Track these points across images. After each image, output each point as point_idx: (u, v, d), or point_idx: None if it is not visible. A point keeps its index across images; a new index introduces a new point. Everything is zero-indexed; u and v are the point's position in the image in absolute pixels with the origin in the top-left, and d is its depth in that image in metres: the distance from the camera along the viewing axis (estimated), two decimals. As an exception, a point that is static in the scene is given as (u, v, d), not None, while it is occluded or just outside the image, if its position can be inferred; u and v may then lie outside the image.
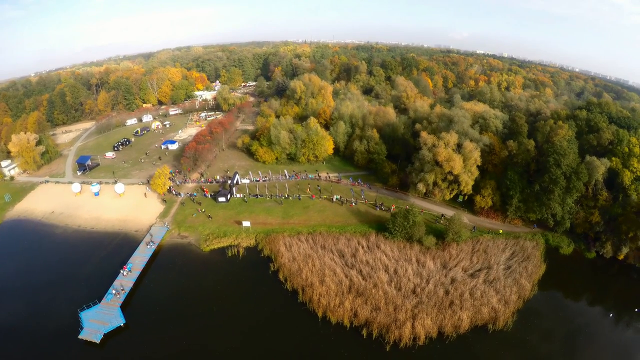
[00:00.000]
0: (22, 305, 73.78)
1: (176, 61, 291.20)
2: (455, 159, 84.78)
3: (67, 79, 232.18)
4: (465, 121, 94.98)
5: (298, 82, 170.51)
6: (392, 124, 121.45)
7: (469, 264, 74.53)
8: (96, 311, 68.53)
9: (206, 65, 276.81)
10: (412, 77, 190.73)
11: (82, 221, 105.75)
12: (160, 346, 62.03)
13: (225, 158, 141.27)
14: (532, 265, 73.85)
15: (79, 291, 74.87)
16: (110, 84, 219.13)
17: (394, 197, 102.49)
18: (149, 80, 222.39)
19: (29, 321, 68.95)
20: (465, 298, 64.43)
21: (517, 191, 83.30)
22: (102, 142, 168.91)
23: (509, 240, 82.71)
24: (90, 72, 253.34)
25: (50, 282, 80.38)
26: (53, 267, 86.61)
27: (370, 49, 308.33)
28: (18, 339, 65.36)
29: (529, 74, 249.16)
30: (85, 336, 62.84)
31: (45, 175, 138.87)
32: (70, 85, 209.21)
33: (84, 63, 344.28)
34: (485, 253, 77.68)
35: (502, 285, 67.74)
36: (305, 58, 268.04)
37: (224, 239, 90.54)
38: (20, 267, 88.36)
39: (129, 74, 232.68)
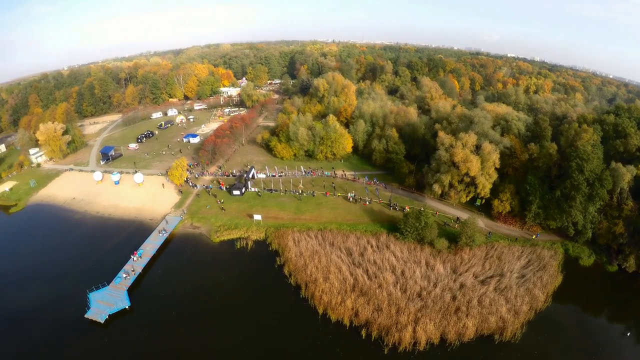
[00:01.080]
0: (36, 283, 77.40)
1: (204, 58, 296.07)
2: (472, 160, 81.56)
3: (97, 72, 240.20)
4: (486, 122, 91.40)
5: (321, 80, 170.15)
6: (412, 124, 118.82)
7: (481, 270, 71.12)
8: (104, 293, 71.02)
9: (233, 62, 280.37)
10: (438, 79, 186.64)
11: (100, 208, 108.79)
12: (161, 330, 63.52)
13: (244, 153, 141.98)
14: (547, 276, 69.42)
15: (90, 273, 77.46)
16: (138, 78, 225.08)
17: (409, 198, 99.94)
18: (175, 75, 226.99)
19: (41, 298, 72.62)
20: (473, 305, 61.27)
21: (536, 197, 79.09)
22: (127, 134, 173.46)
23: (526, 248, 78.43)
24: (120, 66, 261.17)
25: (65, 264, 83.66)
26: (69, 250, 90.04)
27: (397, 49, 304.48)
28: (29, 313, 68.70)
29: (559, 78, 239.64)
30: (91, 315, 65.49)
31: (70, 163, 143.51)
32: (99, 79, 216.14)
33: (115, 58, 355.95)
34: (499, 260, 73.90)
35: (513, 294, 64.08)
36: (331, 57, 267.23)
37: (234, 231, 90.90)
38: (39, 248, 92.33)
39: (157, 69, 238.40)
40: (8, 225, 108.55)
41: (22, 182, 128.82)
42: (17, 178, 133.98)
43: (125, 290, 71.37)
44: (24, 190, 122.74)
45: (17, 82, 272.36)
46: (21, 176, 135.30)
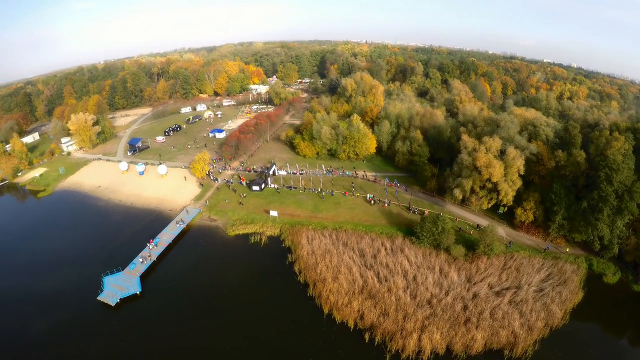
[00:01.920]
0: (56, 264, 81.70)
1: (236, 55, 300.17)
2: (495, 165, 77.91)
3: (130, 67, 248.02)
4: (512, 127, 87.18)
5: (349, 80, 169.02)
6: (438, 126, 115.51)
7: (497, 281, 67.34)
8: (118, 277, 73.64)
9: (264, 60, 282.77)
10: (469, 82, 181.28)
11: (123, 197, 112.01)
12: (169, 317, 64.73)
13: (268, 149, 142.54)
14: (567, 291, 64.69)
15: (107, 258, 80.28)
16: (170, 74, 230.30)
17: (430, 202, 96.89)
18: (206, 71, 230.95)
19: (59, 278, 76.41)
20: (484, 317, 57.94)
21: (562, 207, 74.30)
22: (156, 127, 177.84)
23: (547, 261, 73.67)
24: (153, 61, 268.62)
25: (85, 248, 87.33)
26: (90, 235, 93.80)
27: (430, 51, 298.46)
28: (49, 292, 72.46)
29: (595, 85, 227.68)
30: (103, 298, 68.17)
31: (99, 153, 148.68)
32: (132, 73, 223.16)
33: (150, 53, 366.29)
34: (518, 271, 69.83)
35: (528, 308, 60.08)
36: (361, 57, 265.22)
37: (250, 225, 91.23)
38: (62, 232, 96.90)
39: (189, 65, 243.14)
40: (36, 208, 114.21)
41: (52, 169, 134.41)
42: (47, 165, 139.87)
43: (138, 277, 73.54)
44: (53, 177, 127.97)
45: (54, 74, 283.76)
46: (51, 163, 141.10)
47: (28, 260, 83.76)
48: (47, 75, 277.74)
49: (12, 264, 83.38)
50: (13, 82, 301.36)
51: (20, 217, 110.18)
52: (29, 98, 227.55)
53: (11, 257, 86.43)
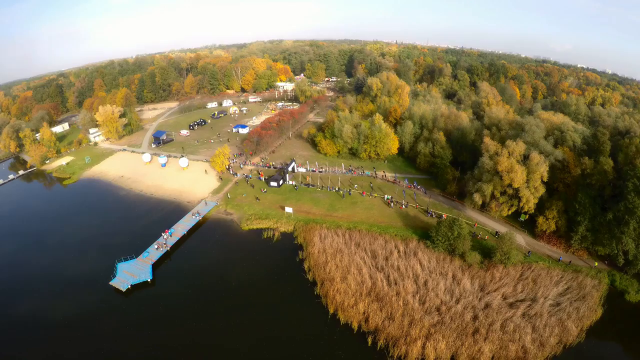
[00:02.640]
0: (75, 248, 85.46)
1: (265, 53, 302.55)
2: (517, 170, 74.34)
3: (160, 61, 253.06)
4: (537, 131, 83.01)
5: (375, 80, 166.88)
6: (462, 129, 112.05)
7: (511, 292, 63.87)
8: (131, 264, 75.87)
9: (292, 58, 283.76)
10: (499, 85, 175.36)
11: (144, 187, 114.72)
12: (176, 306, 65.94)
13: (290, 146, 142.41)
14: (586, 307, 60.38)
15: (123, 245, 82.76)
16: (198, 69, 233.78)
17: (449, 206, 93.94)
18: (234, 68, 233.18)
19: (76, 262, 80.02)
20: (494, 329, 54.99)
21: (586, 217, 69.76)
22: (181, 121, 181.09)
23: (567, 274, 69.21)
24: (182, 57, 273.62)
25: (103, 234, 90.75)
26: (109, 222, 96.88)
27: (460, 53, 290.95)
28: (64, 274, 76.21)
29: (629, 91, 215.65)
30: (114, 283, 70.59)
31: (124, 144, 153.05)
32: (161, 68, 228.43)
33: (182, 49, 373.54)
34: (534, 283, 66.05)
35: (542, 323, 56.50)
36: (389, 57, 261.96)
37: (264, 221, 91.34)
38: (83, 218, 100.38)
39: (217, 61, 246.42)
40: (61, 195, 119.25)
41: (79, 158, 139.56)
42: (74, 154, 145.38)
43: (150, 265, 75.24)
44: (79, 166, 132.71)
45: (86, 67, 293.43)
46: (78, 152, 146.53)
47: (52, 243, 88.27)
48: (79, 68, 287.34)
49: (37, 246, 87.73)
50: (47, 73, 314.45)
51: (44, 203, 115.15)
52: (61, 89, 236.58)
53: (36, 239, 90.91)
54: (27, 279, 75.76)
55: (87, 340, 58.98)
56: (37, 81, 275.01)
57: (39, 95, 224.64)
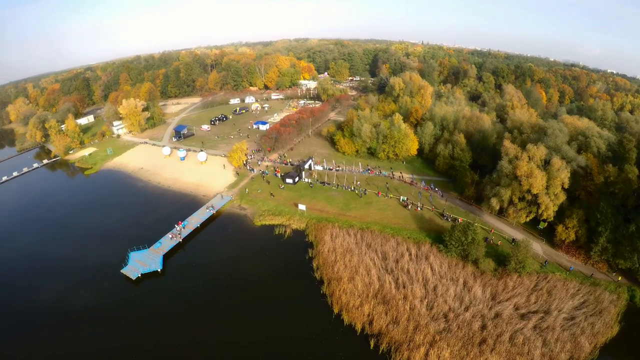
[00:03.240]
0: (91, 236, 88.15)
1: (290, 51, 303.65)
2: (537, 175, 71.34)
3: (185, 57, 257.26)
4: (560, 135, 79.31)
5: (397, 79, 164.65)
6: (483, 131, 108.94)
7: (524, 302, 60.95)
8: (143, 254, 77.42)
9: (317, 57, 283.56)
10: (524, 88, 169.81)
11: (162, 180, 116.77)
12: (182, 298, 66.74)
13: (308, 144, 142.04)
14: (601, 323, 56.63)
15: (137, 235, 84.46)
16: (222, 66, 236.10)
17: (465, 210, 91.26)
18: (257, 65, 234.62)
19: (91, 248, 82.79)
20: (502, 340, 52.40)
21: (607, 228, 65.70)
22: (203, 116, 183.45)
23: (584, 286, 65.30)
24: (208, 53, 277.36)
25: (119, 224, 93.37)
26: (125, 212, 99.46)
27: (487, 55, 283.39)
28: (78, 260, 78.88)
29: None
30: (125, 271, 72.35)
31: (146, 137, 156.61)
32: (185, 63, 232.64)
33: (208, 46, 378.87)
34: (549, 294, 62.76)
35: (554, 337, 53.31)
36: (414, 57, 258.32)
37: (277, 217, 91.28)
38: (101, 207, 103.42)
39: (241, 57, 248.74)
40: (82, 184, 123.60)
41: (101, 149, 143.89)
42: (97, 145, 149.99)
43: (161, 255, 76.52)
44: (101, 157, 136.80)
45: (113, 62, 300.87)
46: (101, 144, 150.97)
47: (70, 230, 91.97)
48: (106, 62, 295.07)
49: (57, 233, 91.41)
50: (75, 67, 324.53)
51: (65, 191, 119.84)
52: (87, 83, 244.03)
53: (56, 226, 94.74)
54: (44, 264, 78.71)
55: (87, 324, 60.93)
56: (65, 74, 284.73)
57: (66, 88, 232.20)
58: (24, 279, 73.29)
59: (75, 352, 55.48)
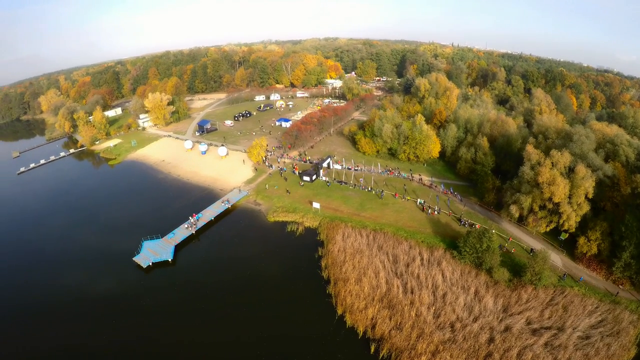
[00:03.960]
0: (109, 223, 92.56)
1: (318, 49, 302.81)
2: (559, 183, 67.48)
3: (213, 53, 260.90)
4: (587, 142, 74.76)
5: (423, 80, 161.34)
6: (508, 136, 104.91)
7: (537, 317, 57.35)
8: (155, 243, 79.49)
9: (344, 56, 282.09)
10: (554, 92, 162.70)
11: (182, 172, 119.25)
12: (189, 288, 68.10)
13: (329, 143, 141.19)
14: (618, 345, 52.05)
15: (152, 224, 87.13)
16: (250, 62, 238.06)
17: (484, 216, 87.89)
18: (284, 62, 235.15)
19: (108, 236, 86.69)
20: (510, 356, 49.35)
21: (632, 242, 60.89)
22: (228, 112, 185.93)
23: (603, 304, 60.61)
24: (236, 50, 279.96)
25: (136, 213, 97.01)
26: (144, 202, 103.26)
27: (517, 58, 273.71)
28: (94, 246, 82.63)
29: None
30: (137, 259, 74.98)
31: (170, 131, 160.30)
32: (213, 60, 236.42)
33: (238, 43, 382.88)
34: (565, 310, 58.75)
35: (565, 356, 49.62)
36: (442, 59, 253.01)
37: (290, 214, 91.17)
38: (121, 196, 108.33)
39: (268, 55, 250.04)
40: (106, 174, 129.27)
41: (126, 141, 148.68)
42: (122, 137, 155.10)
43: (173, 246, 78.22)
44: (125, 148, 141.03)
45: (143, 56, 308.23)
46: (127, 136, 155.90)
47: (90, 218, 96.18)
48: (137, 57, 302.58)
49: (78, 220, 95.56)
50: (107, 61, 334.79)
51: (88, 180, 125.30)
52: (117, 76, 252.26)
53: (77, 213, 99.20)
54: (63, 249, 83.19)
55: (91, 308, 63.46)
56: (96, 68, 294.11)
57: (96, 81, 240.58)
58: (45, 264, 77.57)
59: (60, 338, 57.39)
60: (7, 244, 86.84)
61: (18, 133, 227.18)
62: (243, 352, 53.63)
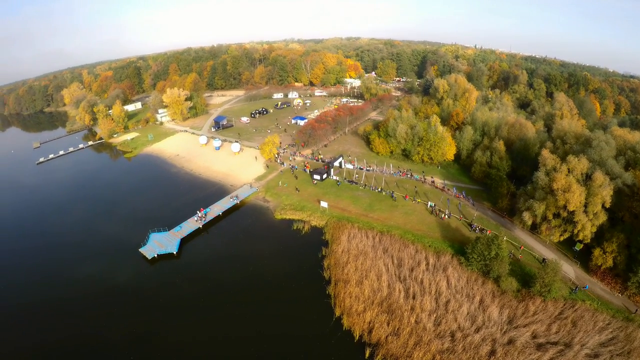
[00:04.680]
0: (120, 215, 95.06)
1: (339, 49, 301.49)
2: (574, 190, 64.16)
3: (234, 51, 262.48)
4: (606, 148, 70.80)
5: (442, 81, 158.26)
6: (525, 140, 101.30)
7: (544, 330, 54.11)
8: (162, 236, 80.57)
9: (365, 56, 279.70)
10: (577, 97, 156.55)
11: (194, 167, 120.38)
12: (191, 281, 68.79)
13: (344, 142, 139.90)
14: None
15: (162, 217, 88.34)
16: (269, 60, 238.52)
17: (497, 222, 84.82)
18: (304, 61, 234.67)
19: (118, 226, 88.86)
20: None
21: None
22: (245, 109, 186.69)
23: (615, 320, 56.60)
24: (257, 47, 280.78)
25: (147, 205, 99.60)
26: (155, 195, 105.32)
27: (541, 61, 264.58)
28: (103, 237, 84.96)
29: None
30: (143, 251, 76.30)
31: (187, 126, 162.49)
32: (233, 57, 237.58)
33: (260, 41, 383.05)
34: (574, 325, 55.21)
35: None
36: (463, 60, 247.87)
37: (298, 212, 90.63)
38: (134, 189, 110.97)
39: (288, 53, 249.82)
40: (122, 166, 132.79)
41: (143, 135, 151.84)
42: (140, 131, 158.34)
43: (179, 239, 79.21)
44: (142, 142, 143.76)
45: (165, 52, 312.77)
46: (144, 130, 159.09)
47: (103, 208, 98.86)
48: (159, 53, 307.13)
49: (91, 210, 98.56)
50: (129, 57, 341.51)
51: (103, 171, 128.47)
52: (139, 71, 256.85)
53: (91, 203, 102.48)
54: (71, 237, 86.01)
55: (93, 296, 64.94)
56: (118, 62, 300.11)
57: (118, 76, 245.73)
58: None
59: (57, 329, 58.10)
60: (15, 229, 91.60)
61: (41, 125, 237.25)
62: (237, 349, 53.08)
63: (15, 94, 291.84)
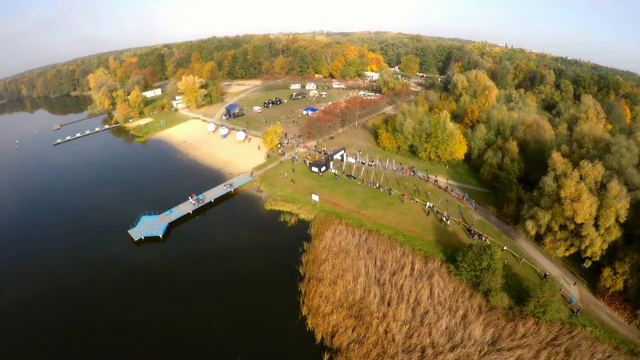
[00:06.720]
0: (117, 196, 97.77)
1: (365, 42, 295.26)
2: (584, 200, 56.51)
3: (256, 40, 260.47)
4: (627, 155, 62.15)
5: (461, 77, 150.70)
6: (541, 142, 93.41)
7: (531, 358, 46.71)
8: (151, 219, 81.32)
9: (389, 50, 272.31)
10: (607, 101, 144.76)
11: (199, 154, 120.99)
12: (168, 266, 68.80)
13: (351, 135, 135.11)
14: None
15: (157, 200, 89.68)
16: (290, 51, 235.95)
17: (499, 229, 77.78)
18: (324, 52, 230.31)
19: (114, 208, 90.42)
20: None
21: None
22: (260, 98, 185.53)
23: (617, 353, 48.34)
24: (280, 38, 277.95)
25: (145, 189, 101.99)
26: (154, 179, 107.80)
27: (572, 63, 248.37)
28: (99, 217, 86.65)
29: None
30: (131, 232, 77.46)
31: (200, 113, 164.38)
32: (254, 46, 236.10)
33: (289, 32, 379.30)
34: (567, 354, 47.01)
35: None
36: (488, 57, 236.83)
37: (288, 204, 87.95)
38: (135, 172, 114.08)
39: (309, 44, 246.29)
40: (131, 149, 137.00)
41: (157, 120, 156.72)
42: (154, 117, 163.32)
43: (167, 223, 79.64)
44: (154, 127, 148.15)
45: (190, 41, 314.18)
46: (158, 116, 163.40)
47: (103, 189, 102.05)
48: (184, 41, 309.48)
49: (92, 190, 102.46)
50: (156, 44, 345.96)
51: (113, 155, 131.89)
52: (162, 58, 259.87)
53: (91, 185, 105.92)
54: (63, 217, 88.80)
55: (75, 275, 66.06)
56: (144, 49, 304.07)
57: (142, 62, 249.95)
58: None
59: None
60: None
61: (66, 107, 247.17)
62: (181, 335, 51.96)
63: (44, 77, 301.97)
